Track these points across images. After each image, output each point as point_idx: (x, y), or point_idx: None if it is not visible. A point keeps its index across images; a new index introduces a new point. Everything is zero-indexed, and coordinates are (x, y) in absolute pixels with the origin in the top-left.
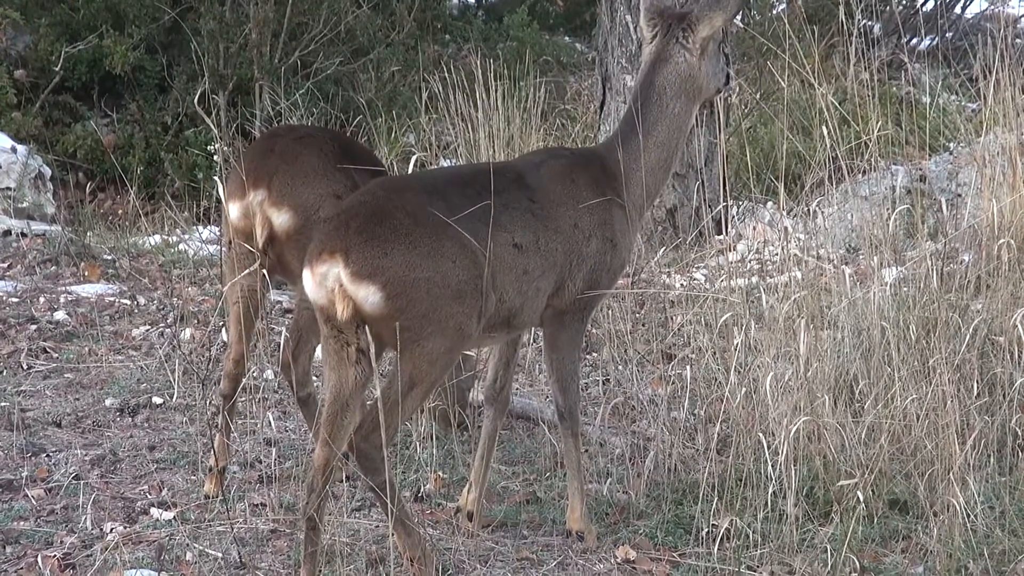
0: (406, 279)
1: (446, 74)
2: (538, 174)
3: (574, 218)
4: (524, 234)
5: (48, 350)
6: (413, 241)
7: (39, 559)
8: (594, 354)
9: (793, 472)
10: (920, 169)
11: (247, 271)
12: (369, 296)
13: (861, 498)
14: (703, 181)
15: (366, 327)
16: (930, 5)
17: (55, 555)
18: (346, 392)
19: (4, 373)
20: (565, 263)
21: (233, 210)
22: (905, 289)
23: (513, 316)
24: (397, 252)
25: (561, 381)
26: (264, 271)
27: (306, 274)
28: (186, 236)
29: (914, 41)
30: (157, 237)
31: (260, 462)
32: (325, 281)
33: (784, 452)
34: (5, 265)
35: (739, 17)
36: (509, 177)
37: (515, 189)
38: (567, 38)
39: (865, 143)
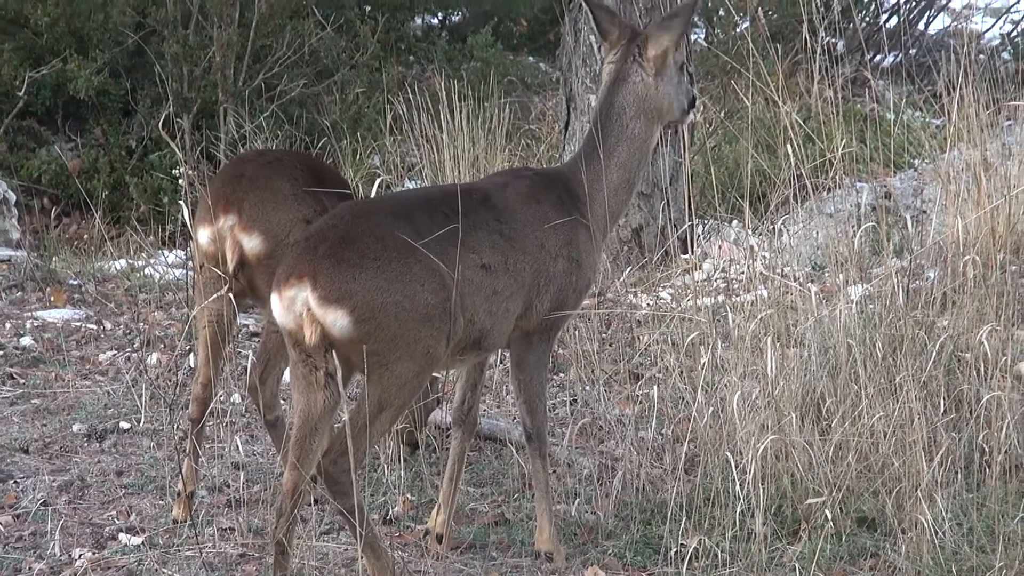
0: (374, 303)
1: (410, 95)
2: (504, 195)
3: (540, 238)
4: (492, 255)
5: (14, 376)
6: (381, 265)
7: None
8: (561, 375)
9: (761, 491)
10: (885, 186)
11: (215, 296)
12: (337, 320)
13: (829, 516)
14: (668, 200)
15: (334, 351)
16: (893, 22)
17: None
18: (314, 416)
19: None
20: (533, 283)
21: (203, 235)
22: (871, 306)
23: (483, 338)
24: (365, 276)
25: (528, 402)
26: (232, 296)
27: (274, 298)
28: (152, 260)
29: (878, 58)
30: (123, 261)
31: (228, 486)
32: (293, 305)
33: (752, 471)
34: None
35: (702, 36)
36: (476, 198)
37: (482, 210)
38: (531, 58)
39: (830, 160)
